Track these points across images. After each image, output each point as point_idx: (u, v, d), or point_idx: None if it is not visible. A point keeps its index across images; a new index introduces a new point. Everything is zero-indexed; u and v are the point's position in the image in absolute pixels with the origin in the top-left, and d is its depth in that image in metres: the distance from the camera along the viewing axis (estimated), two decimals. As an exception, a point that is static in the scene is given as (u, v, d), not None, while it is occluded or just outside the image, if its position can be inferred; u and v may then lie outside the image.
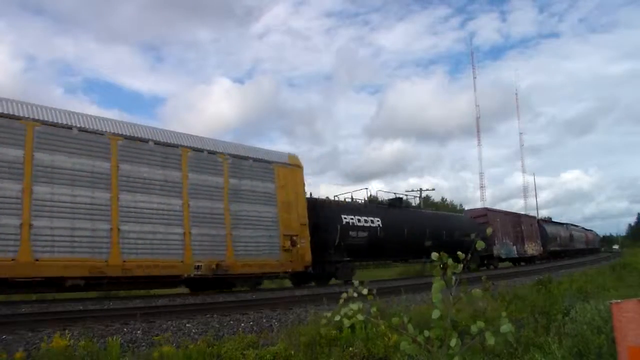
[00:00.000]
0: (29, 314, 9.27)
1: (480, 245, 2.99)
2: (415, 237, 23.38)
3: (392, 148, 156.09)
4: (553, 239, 43.96)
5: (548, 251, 41.66)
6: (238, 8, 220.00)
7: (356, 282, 3.04)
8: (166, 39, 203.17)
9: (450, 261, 2.78)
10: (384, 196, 27.55)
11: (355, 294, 2.92)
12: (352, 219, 20.16)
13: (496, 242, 30.95)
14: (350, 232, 19.78)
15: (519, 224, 36.07)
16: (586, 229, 69.04)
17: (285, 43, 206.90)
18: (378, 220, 21.37)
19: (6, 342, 6.40)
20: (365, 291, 2.93)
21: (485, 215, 32.44)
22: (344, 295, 2.91)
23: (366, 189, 29.98)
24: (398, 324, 2.75)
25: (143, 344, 6.65)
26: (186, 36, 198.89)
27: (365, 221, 20.87)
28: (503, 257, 32.25)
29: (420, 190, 47.15)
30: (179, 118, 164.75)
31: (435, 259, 2.90)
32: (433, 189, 51.72)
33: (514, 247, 33.68)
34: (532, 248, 37.12)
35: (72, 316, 8.67)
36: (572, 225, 59.67)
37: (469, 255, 2.96)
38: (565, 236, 49.30)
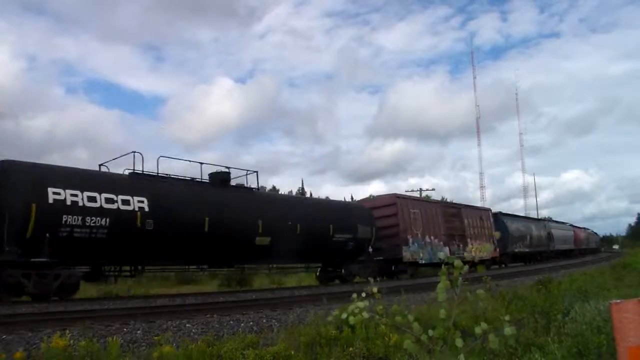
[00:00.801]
0: (29, 314, 9.27)
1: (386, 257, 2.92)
2: (233, 232, 15.74)
3: (393, 148, 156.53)
4: (518, 238, 35.59)
5: (511, 253, 33.70)
6: (241, 8, 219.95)
7: (372, 280, 3.09)
8: (168, 39, 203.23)
9: (457, 262, 2.77)
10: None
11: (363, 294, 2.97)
12: (74, 195, 12.54)
13: (410, 241, 22.44)
14: (67, 218, 12.33)
15: (458, 218, 27.13)
16: (576, 226, 62.62)
17: (286, 43, 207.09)
18: (142, 201, 13.83)
19: (6, 342, 6.40)
20: (374, 289, 2.99)
21: (394, 205, 22.70)
22: (354, 295, 2.97)
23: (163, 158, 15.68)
24: (403, 323, 2.77)
25: (143, 344, 6.65)
26: (188, 36, 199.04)
27: (109, 201, 13.19)
28: (422, 262, 23.08)
29: (420, 190, 47.16)
30: (181, 118, 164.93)
31: (444, 259, 2.88)
32: (433, 189, 51.53)
33: (446, 248, 24.76)
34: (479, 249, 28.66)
35: (72, 316, 8.67)
36: (554, 221, 52.86)
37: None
38: (539, 235, 41.12)
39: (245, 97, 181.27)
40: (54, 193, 12.33)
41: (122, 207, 13.46)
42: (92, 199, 12.94)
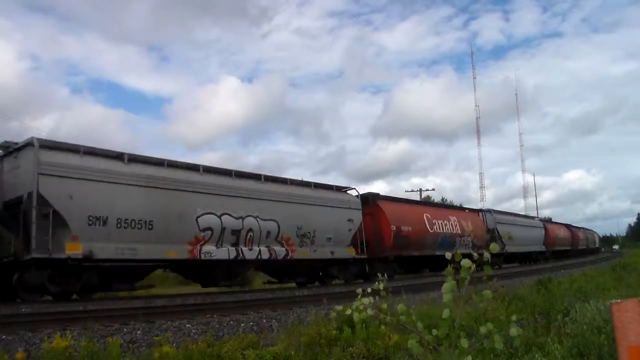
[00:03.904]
0: (29, 314, 9.27)
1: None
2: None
3: (396, 148, 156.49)
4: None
5: None
6: (252, 8, 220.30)
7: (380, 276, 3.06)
8: (175, 39, 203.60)
9: (465, 261, 2.73)
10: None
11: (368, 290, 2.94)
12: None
13: None
14: None
15: None
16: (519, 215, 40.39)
17: (289, 43, 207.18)
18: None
19: (6, 342, 6.40)
20: (381, 286, 2.95)
21: None
22: (359, 290, 2.95)
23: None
24: (407, 322, 2.75)
25: (143, 344, 6.66)
26: (195, 37, 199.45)
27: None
28: None
29: (420, 190, 47.06)
30: (185, 118, 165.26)
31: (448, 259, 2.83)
32: (433, 189, 50.59)
33: None
34: None
35: (72, 316, 8.67)
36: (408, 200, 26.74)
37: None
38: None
39: (251, 96, 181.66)
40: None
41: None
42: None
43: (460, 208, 33.28)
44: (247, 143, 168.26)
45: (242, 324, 8.38)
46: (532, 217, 45.37)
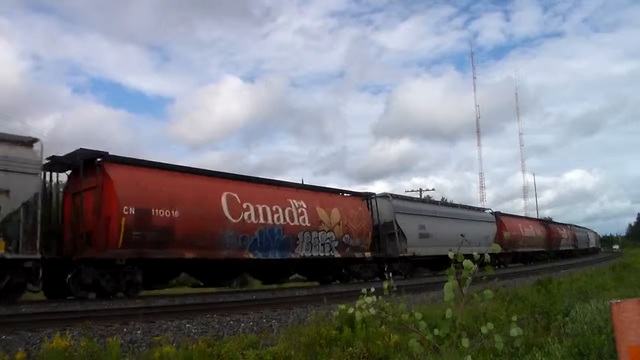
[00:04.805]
0: (29, 314, 9.27)
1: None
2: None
3: (397, 148, 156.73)
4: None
5: None
6: (255, 8, 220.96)
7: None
8: (177, 39, 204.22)
9: (467, 262, 2.72)
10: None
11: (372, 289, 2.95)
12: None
13: None
14: None
15: None
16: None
17: (291, 42, 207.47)
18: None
19: (6, 342, 6.40)
20: (385, 285, 2.96)
21: None
22: (364, 290, 2.96)
23: None
24: (409, 322, 2.75)
25: (143, 344, 6.65)
26: (199, 36, 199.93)
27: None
28: None
29: (420, 190, 47.05)
30: (187, 117, 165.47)
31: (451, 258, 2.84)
32: (433, 189, 50.14)
33: None
34: None
35: (72, 316, 8.67)
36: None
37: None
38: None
39: (252, 96, 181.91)
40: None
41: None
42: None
43: (322, 189, 20.54)
44: (248, 143, 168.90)
45: (242, 324, 8.37)
46: (481, 209, 33.51)
